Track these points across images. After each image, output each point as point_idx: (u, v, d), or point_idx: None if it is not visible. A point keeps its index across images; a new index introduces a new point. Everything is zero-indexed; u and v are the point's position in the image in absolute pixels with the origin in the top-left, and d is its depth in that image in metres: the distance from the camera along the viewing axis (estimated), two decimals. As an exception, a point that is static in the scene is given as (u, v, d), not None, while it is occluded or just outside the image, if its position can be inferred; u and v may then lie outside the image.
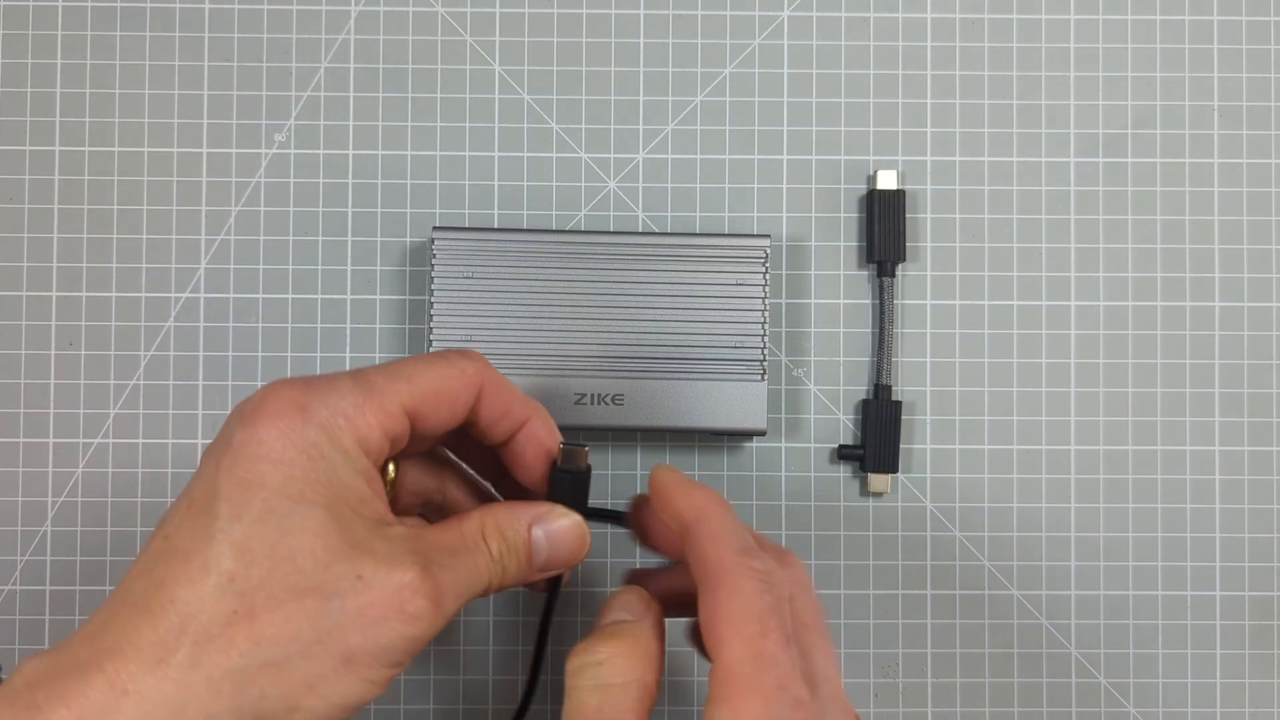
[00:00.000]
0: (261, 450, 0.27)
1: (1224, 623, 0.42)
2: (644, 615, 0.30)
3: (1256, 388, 0.43)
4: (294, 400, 0.27)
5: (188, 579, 0.26)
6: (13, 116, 0.42)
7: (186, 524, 0.27)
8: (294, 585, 0.26)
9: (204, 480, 0.27)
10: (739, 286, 0.39)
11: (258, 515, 0.26)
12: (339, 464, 0.28)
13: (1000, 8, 0.43)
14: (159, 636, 0.25)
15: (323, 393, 0.28)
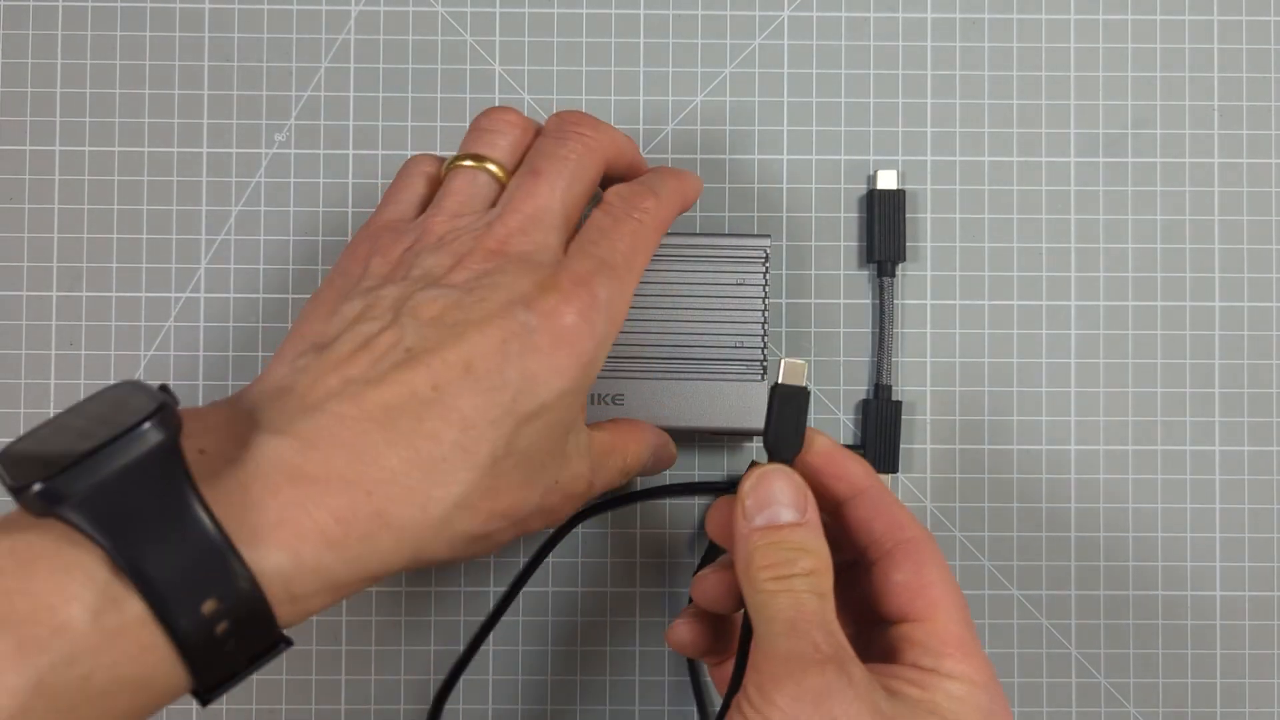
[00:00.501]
0: (554, 354, 0.30)
1: (1224, 623, 0.42)
2: (812, 514, 0.31)
3: (1256, 388, 0.43)
4: (581, 310, 0.31)
5: (463, 447, 0.28)
6: (13, 116, 0.42)
7: (464, 387, 0.29)
8: (525, 477, 0.30)
9: (487, 350, 0.29)
10: (739, 286, 0.39)
11: (532, 413, 0.30)
12: (596, 372, 0.32)
13: (1000, 8, 0.43)
14: (427, 488, 0.28)
15: (599, 300, 0.31)
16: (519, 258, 0.31)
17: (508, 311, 0.29)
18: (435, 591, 0.42)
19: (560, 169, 0.33)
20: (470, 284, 0.30)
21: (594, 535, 0.42)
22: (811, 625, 0.29)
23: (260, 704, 0.42)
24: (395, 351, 0.29)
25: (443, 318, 0.29)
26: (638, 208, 0.33)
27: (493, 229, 0.31)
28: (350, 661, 0.42)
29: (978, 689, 0.29)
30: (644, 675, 0.42)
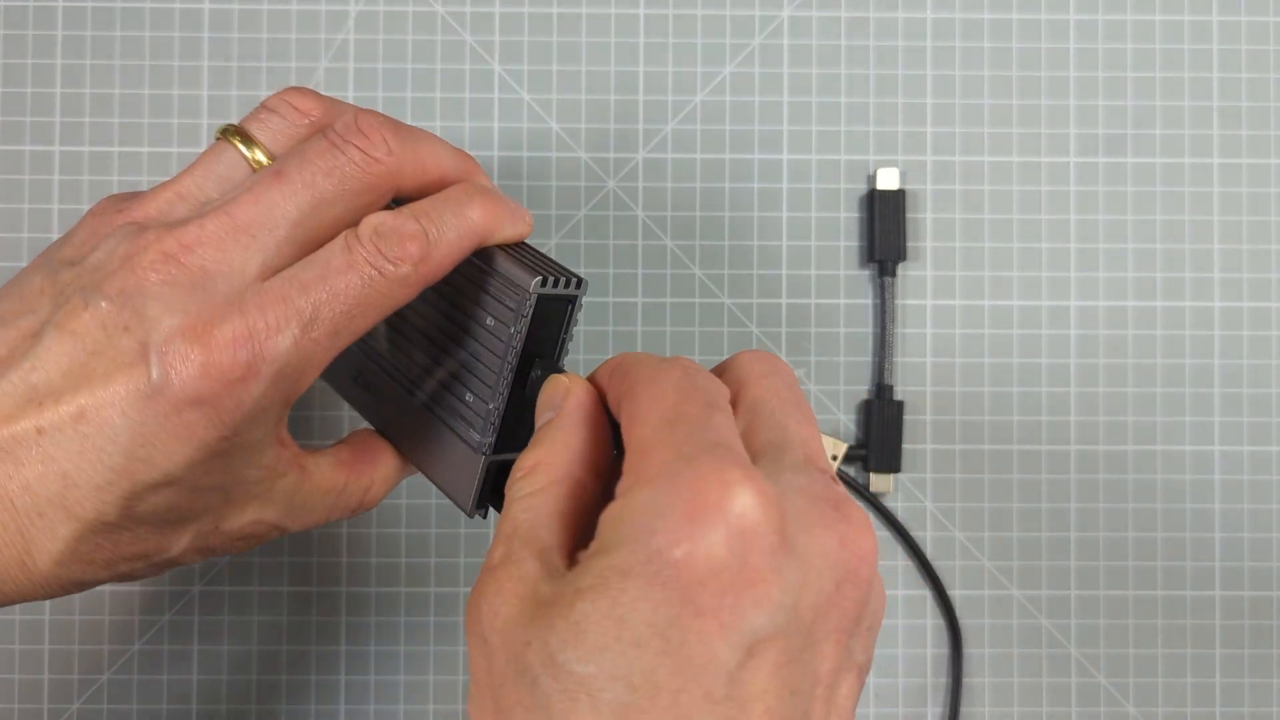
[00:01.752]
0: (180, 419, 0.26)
1: (1224, 623, 0.42)
2: (564, 404, 0.26)
3: (1256, 388, 0.43)
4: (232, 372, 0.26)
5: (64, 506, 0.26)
6: (13, 116, 0.42)
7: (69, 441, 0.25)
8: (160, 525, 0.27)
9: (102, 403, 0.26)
10: (487, 330, 0.29)
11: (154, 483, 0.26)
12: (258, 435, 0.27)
13: (1000, 8, 0.43)
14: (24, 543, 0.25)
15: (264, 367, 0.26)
16: (191, 277, 0.25)
17: (139, 358, 0.25)
18: (435, 593, 0.42)
19: (311, 180, 0.26)
20: (123, 299, 0.25)
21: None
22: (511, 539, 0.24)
23: (260, 704, 0.42)
24: (21, 368, 0.25)
25: (81, 337, 0.25)
26: (389, 255, 0.26)
27: (185, 227, 0.26)
28: (350, 661, 0.42)
29: (635, 493, 0.22)
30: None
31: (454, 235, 0.27)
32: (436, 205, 0.28)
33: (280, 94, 0.29)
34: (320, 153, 0.27)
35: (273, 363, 0.25)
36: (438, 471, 0.30)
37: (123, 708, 0.41)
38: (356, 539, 0.42)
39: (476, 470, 0.29)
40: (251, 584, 0.42)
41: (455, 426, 0.30)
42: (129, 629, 0.41)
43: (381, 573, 0.42)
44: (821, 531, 0.22)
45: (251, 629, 0.42)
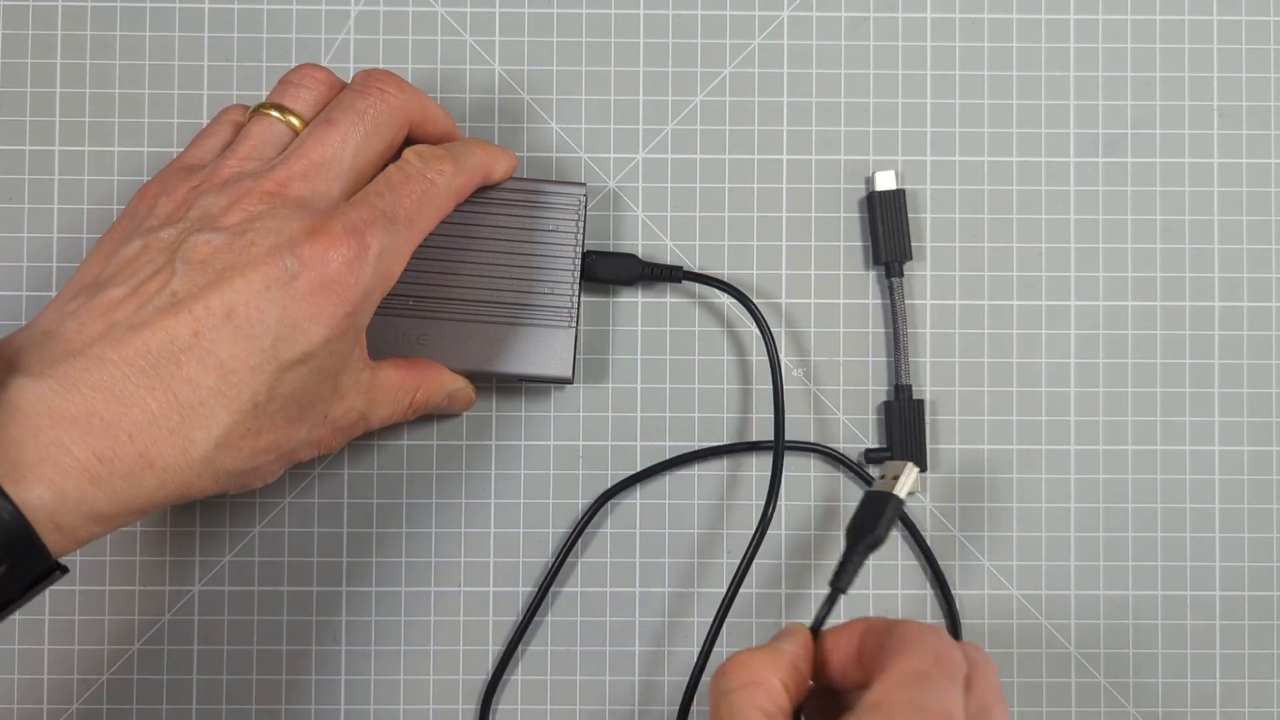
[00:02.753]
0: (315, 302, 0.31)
1: (1224, 623, 0.42)
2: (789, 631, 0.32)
3: (1256, 388, 0.43)
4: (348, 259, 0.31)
5: (222, 392, 0.30)
6: (13, 116, 0.42)
7: (224, 333, 0.30)
8: (290, 416, 0.32)
9: (249, 297, 0.30)
10: (553, 233, 0.39)
11: (294, 360, 0.31)
12: (366, 319, 0.33)
13: (1000, 8, 0.43)
14: (186, 431, 0.29)
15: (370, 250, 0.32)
16: (295, 202, 0.31)
17: (273, 256, 0.30)
18: (435, 592, 0.42)
19: (356, 120, 0.33)
20: (242, 226, 0.31)
21: (594, 535, 0.42)
22: None
23: (260, 704, 0.42)
24: (161, 296, 0.30)
25: (211, 261, 0.30)
26: (433, 168, 0.34)
27: (274, 171, 0.32)
28: (350, 661, 0.42)
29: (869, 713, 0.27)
30: (643, 675, 0.42)
31: (468, 162, 0.36)
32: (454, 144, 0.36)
33: (296, 71, 0.35)
34: (354, 100, 0.34)
35: (376, 245, 0.31)
36: (525, 362, 0.39)
37: (123, 708, 0.41)
38: (356, 538, 0.42)
39: (571, 344, 0.39)
40: (251, 584, 0.42)
41: (538, 319, 0.39)
42: (129, 629, 0.41)
43: (381, 572, 0.42)
44: None
45: (251, 629, 0.42)
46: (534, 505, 0.42)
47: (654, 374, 0.42)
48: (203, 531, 0.42)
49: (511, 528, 0.42)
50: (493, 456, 0.42)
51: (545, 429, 0.42)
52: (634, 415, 0.42)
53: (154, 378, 0.29)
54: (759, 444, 0.42)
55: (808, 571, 0.42)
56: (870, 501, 0.35)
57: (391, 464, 0.42)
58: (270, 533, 0.42)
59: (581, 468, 0.42)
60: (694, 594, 0.42)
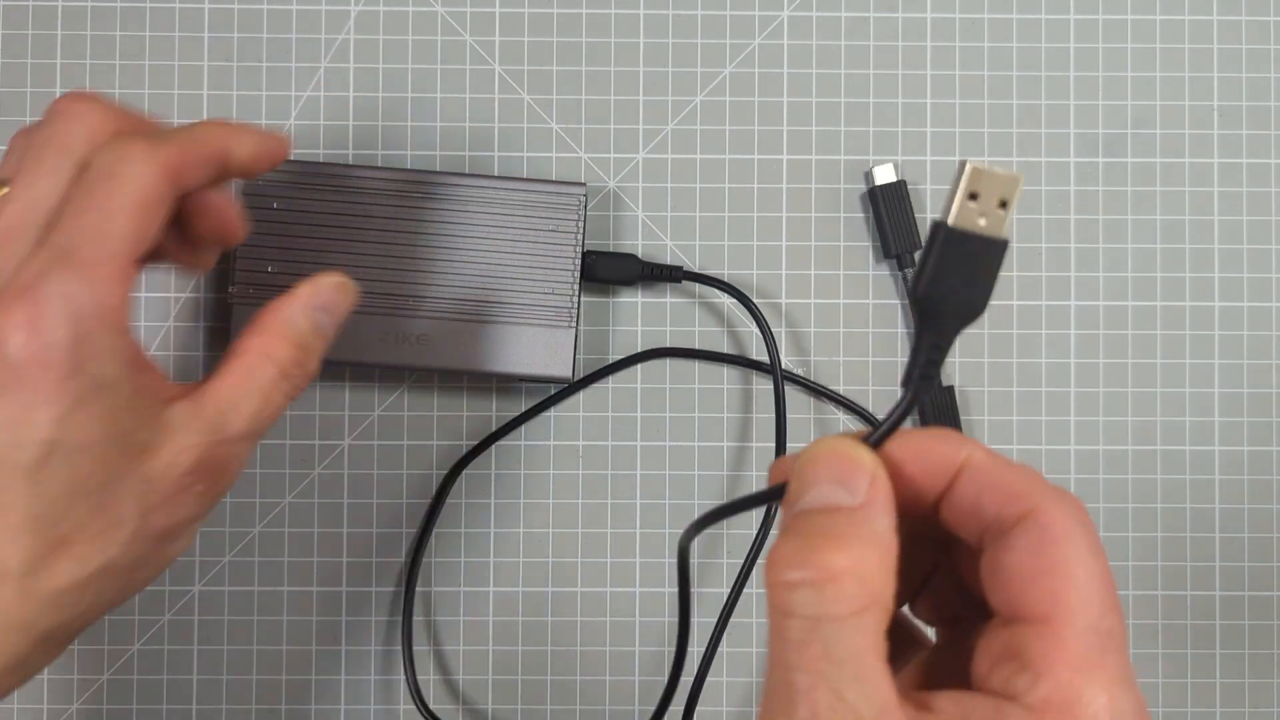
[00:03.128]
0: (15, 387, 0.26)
1: (1223, 623, 0.42)
2: (871, 493, 0.21)
3: (1256, 388, 0.43)
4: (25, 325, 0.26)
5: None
6: (13, 116, 0.42)
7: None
8: (92, 507, 0.27)
9: None
10: (553, 233, 0.39)
11: (39, 458, 0.26)
12: (108, 364, 0.27)
13: (1000, 8, 0.43)
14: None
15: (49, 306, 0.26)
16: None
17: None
18: (434, 592, 0.42)
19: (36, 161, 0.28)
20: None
21: (594, 535, 0.42)
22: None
23: (260, 704, 0.42)
24: None
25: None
26: (120, 161, 0.27)
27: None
28: (350, 661, 0.42)
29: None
30: (643, 675, 0.42)
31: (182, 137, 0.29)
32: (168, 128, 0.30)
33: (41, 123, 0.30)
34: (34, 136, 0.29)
35: (55, 295, 0.26)
36: (525, 363, 0.39)
37: (123, 708, 0.41)
38: (357, 538, 0.42)
39: (571, 344, 0.39)
40: (251, 584, 0.42)
41: (538, 319, 0.39)
42: (129, 629, 0.41)
43: (381, 572, 0.42)
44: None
45: (251, 629, 0.42)
46: (533, 505, 0.42)
47: (654, 374, 0.42)
48: (203, 531, 0.41)
49: (511, 528, 0.42)
50: (492, 457, 0.42)
51: (545, 429, 0.42)
52: (634, 415, 0.42)
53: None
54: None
55: (808, 571, 0.42)
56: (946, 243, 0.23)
57: (391, 464, 0.42)
58: (270, 533, 0.42)
59: (581, 468, 0.42)
60: (694, 594, 0.42)
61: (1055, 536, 0.21)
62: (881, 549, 0.21)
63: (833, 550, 0.20)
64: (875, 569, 0.20)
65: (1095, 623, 0.20)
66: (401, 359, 0.39)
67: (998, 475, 0.22)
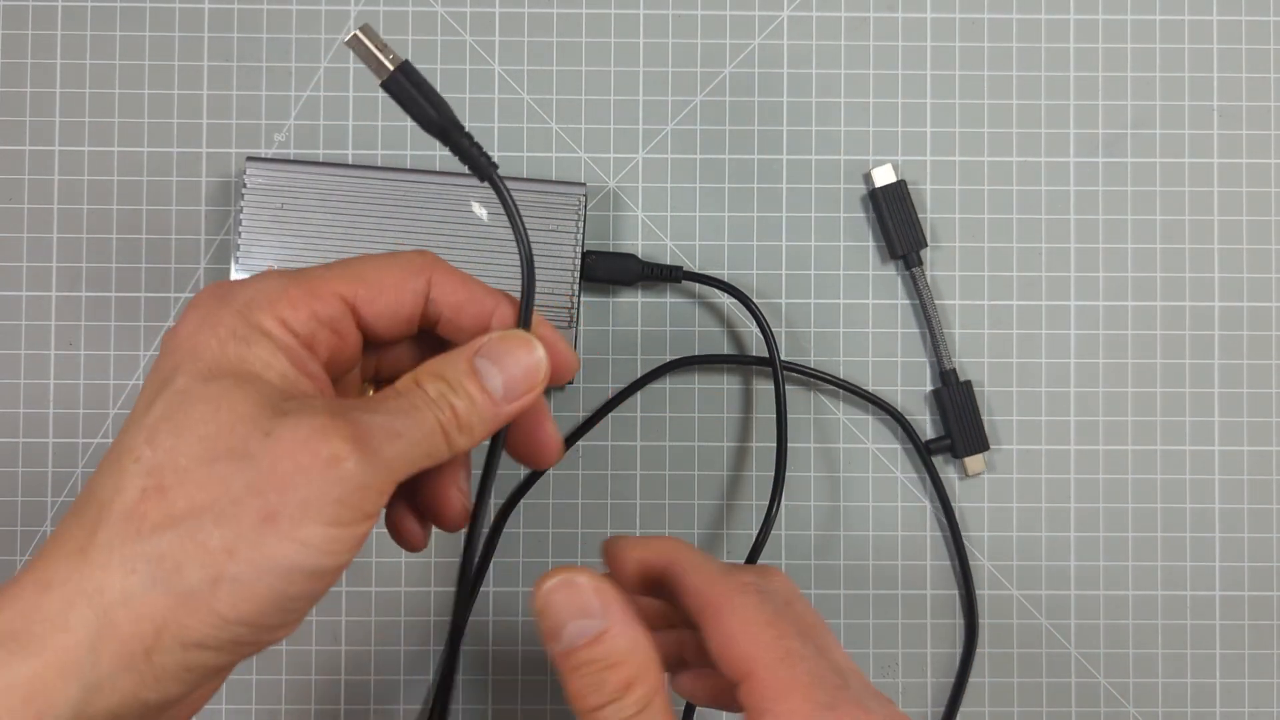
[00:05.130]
0: (177, 340, 0.26)
1: (1223, 623, 0.42)
2: (611, 610, 0.27)
3: (1256, 388, 0.43)
4: (216, 291, 0.27)
5: (103, 470, 0.25)
6: (13, 116, 0.42)
7: (122, 430, 0.26)
8: (200, 454, 0.25)
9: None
10: (553, 233, 0.39)
11: (167, 399, 0.25)
12: (255, 341, 0.26)
13: (1000, 8, 0.43)
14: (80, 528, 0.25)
15: (247, 282, 0.27)
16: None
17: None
18: (434, 591, 0.42)
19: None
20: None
21: (594, 535, 0.42)
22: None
23: (260, 704, 0.41)
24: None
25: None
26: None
27: None
28: (350, 661, 0.42)
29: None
30: (644, 675, 0.42)
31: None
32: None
33: None
34: None
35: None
36: None
37: (122, 708, 0.41)
38: (356, 539, 0.42)
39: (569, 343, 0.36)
40: (251, 584, 0.42)
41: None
42: (129, 629, 0.41)
43: (381, 572, 0.42)
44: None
45: (251, 629, 0.42)
46: (533, 505, 0.42)
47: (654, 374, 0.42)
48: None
49: (511, 528, 0.42)
50: (493, 456, 0.42)
51: (545, 429, 0.42)
52: (634, 415, 0.42)
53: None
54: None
55: (808, 572, 0.42)
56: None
57: (391, 464, 0.42)
58: (270, 533, 0.42)
59: (581, 468, 0.42)
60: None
61: (726, 616, 0.27)
62: (640, 648, 0.26)
63: (610, 674, 0.26)
64: (644, 666, 0.26)
65: (776, 662, 0.26)
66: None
67: (689, 571, 0.29)
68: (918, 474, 0.42)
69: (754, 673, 0.26)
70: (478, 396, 0.27)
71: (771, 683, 0.26)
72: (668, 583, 0.29)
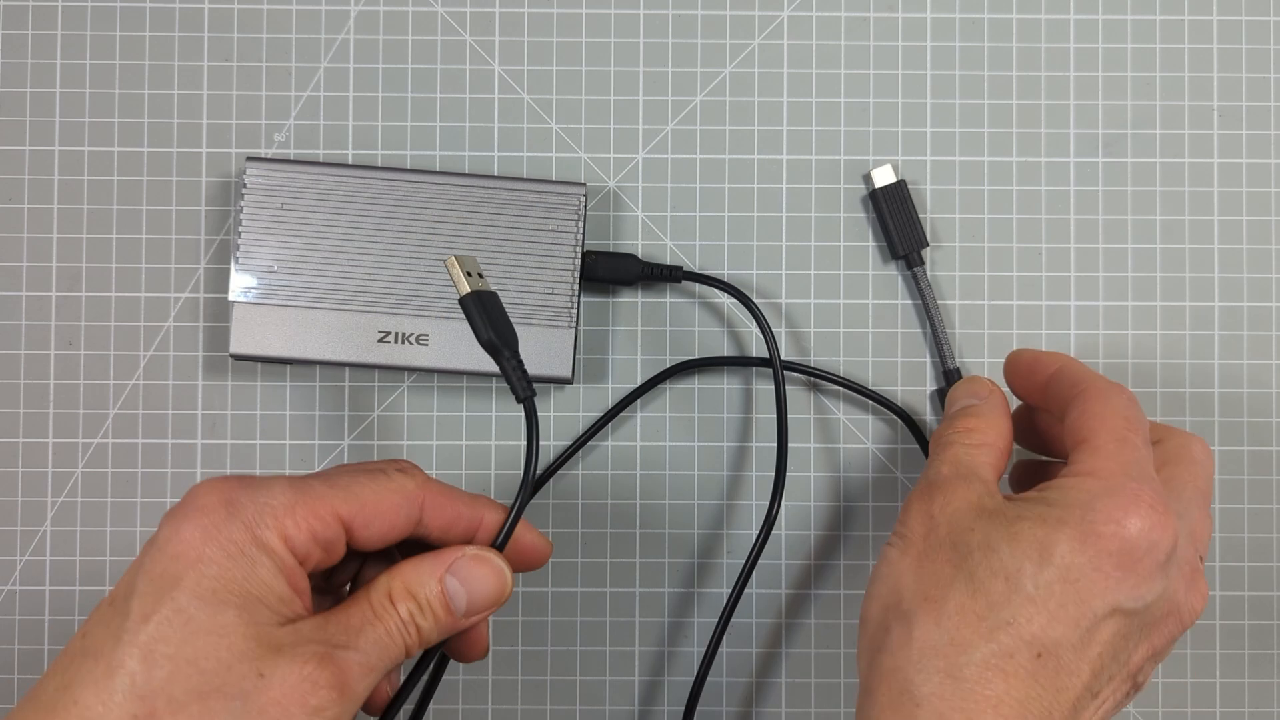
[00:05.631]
0: (180, 548, 0.27)
1: (1223, 623, 0.42)
2: (990, 397, 0.35)
3: (1256, 388, 0.43)
4: (222, 496, 0.28)
5: (93, 681, 0.26)
6: (12, 116, 0.42)
7: (102, 624, 0.27)
8: (196, 687, 0.26)
9: (126, 578, 0.27)
10: (553, 233, 0.40)
11: (167, 616, 0.26)
12: (259, 562, 0.27)
13: (1000, 8, 0.43)
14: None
15: (253, 490, 0.28)
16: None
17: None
18: (435, 592, 0.42)
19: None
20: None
21: (594, 535, 0.42)
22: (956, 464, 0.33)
23: (260, 704, 0.41)
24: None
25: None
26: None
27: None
28: (350, 662, 0.42)
29: (1088, 478, 0.30)
30: (643, 675, 0.42)
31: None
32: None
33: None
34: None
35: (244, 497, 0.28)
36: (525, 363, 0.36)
37: (122, 708, 0.41)
38: (356, 539, 0.42)
39: (571, 344, 0.39)
40: (251, 584, 0.42)
41: (538, 319, 0.39)
42: (129, 629, 0.41)
43: (381, 573, 0.42)
44: (1183, 577, 0.31)
45: (251, 629, 0.42)
46: (533, 505, 0.42)
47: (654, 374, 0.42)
48: (202, 532, 0.41)
49: (511, 528, 0.42)
50: (492, 457, 0.42)
51: (545, 429, 0.42)
52: (634, 416, 0.42)
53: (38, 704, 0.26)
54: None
55: (808, 571, 0.42)
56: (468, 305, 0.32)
57: (391, 464, 0.42)
58: (270, 533, 0.42)
59: (581, 468, 0.42)
60: (694, 594, 0.42)
61: (1092, 398, 0.33)
62: (996, 422, 0.34)
63: (969, 419, 0.34)
64: (991, 429, 0.34)
65: (1109, 427, 0.31)
66: (401, 359, 0.39)
67: (1070, 372, 0.35)
68: (919, 474, 0.42)
69: (1091, 443, 0.31)
70: (443, 618, 0.30)
71: (1100, 451, 0.31)
72: (1059, 376, 0.35)
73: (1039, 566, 0.29)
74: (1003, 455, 0.34)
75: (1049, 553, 0.29)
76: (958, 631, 0.29)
